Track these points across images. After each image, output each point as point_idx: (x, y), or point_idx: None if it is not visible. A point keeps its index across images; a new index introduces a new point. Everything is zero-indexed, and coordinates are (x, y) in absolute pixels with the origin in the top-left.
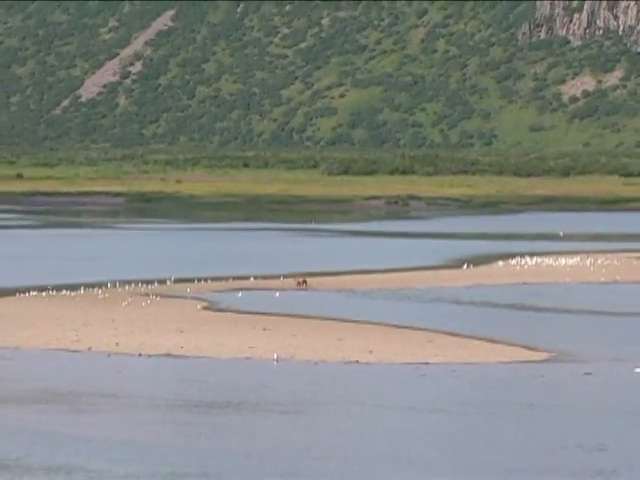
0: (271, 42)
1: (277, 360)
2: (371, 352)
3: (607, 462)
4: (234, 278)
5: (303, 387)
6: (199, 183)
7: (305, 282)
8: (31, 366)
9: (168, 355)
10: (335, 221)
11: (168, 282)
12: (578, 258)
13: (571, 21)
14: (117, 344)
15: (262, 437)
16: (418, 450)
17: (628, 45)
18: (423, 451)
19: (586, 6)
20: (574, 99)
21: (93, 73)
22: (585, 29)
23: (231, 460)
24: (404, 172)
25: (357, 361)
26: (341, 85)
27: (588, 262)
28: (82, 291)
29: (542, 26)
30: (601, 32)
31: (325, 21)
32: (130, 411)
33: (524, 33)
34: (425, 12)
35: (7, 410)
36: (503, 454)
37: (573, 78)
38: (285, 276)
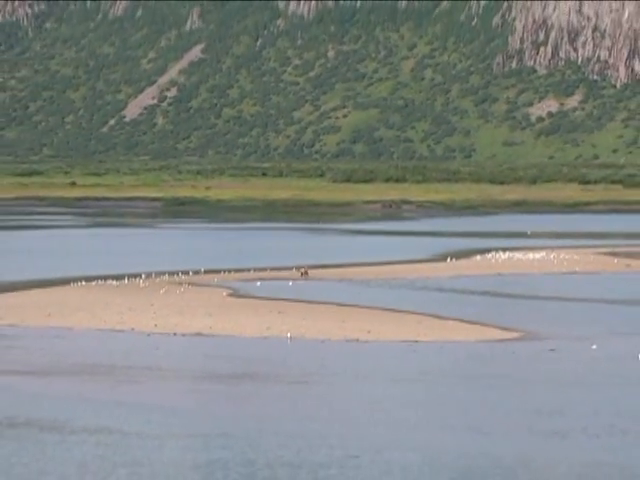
0: (285, 71)
1: (290, 338)
2: (369, 332)
3: (564, 424)
4: (254, 269)
5: (311, 361)
6: (225, 189)
7: (307, 272)
8: (82, 343)
9: (198, 334)
10: (338, 221)
11: (199, 273)
12: (544, 253)
13: (537, 53)
14: (155, 325)
15: (275, 403)
16: (407, 413)
17: (586, 74)
18: (410, 414)
19: (550, 40)
20: (540, 119)
21: (135, 97)
22: (549, 60)
23: (247, 423)
24: (397, 180)
25: (357, 339)
26: (344, 107)
27: (552, 256)
28: (126, 281)
29: (513, 57)
30: (563, 62)
31: (330, 53)
32: (163, 381)
33: (498, 63)
34: (415, 46)
35: (58, 380)
36: (476, 417)
37: (539, 101)
38: (297, 268)
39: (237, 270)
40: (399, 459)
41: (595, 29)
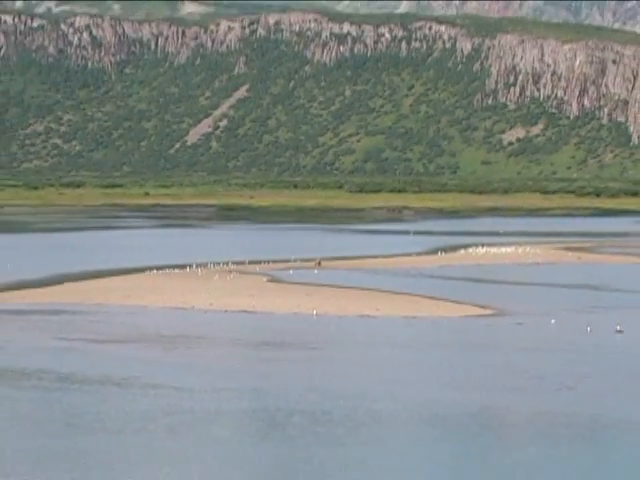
0: (312, 106)
1: (315, 315)
2: (377, 309)
3: (526, 382)
4: (287, 260)
5: (332, 332)
6: (264, 198)
7: (320, 263)
8: (152, 318)
9: (244, 311)
10: (353, 223)
11: (244, 263)
12: (513, 248)
13: (508, 92)
14: (211, 304)
15: (300, 364)
16: (401, 372)
17: (546, 108)
18: (404, 373)
19: (518, 82)
20: (510, 143)
21: (195, 126)
22: (518, 97)
23: (276, 379)
24: (399, 191)
25: (368, 315)
26: (358, 134)
27: (520, 250)
28: (188, 269)
29: (490, 95)
30: (528, 99)
31: (347, 92)
32: (214, 347)
33: (477, 100)
34: (413, 86)
35: (130, 346)
36: (455, 375)
37: (510, 129)
38: (326, 259)
39: (274, 261)
40: (388, 407)
41: (553, 73)
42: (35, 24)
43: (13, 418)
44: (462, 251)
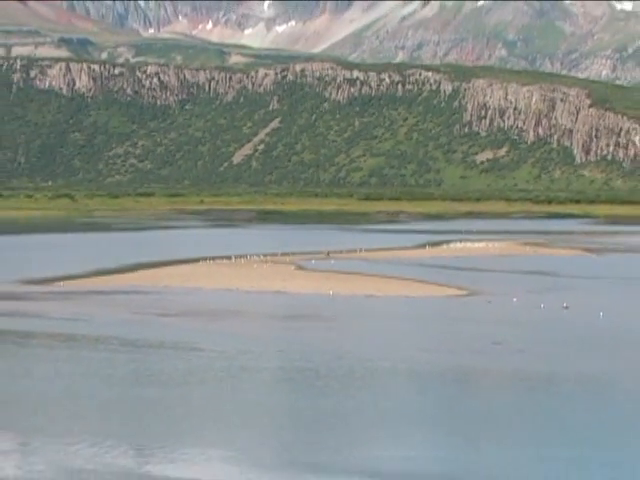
0: (329, 133)
1: (331, 294)
2: (379, 290)
3: (489, 347)
4: (309, 253)
5: (343, 308)
6: (293, 205)
7: (329, 254)
8: (204, 297)
9: (277, 292)
10: (360, 224)
11: (277, 255)
12: (484, 243)
13: (480, 123)
14: (251, 286)
15: (317, 332)
16: (396, 338)
17: (510, 135)
18: (398, 339)
19: (488, 115)
20: (482, 162)
21: (239, 149)
22: (488, 127)
23: (298, 344)
24: (397, 199)
25: (372, 295)
26: (364, 155)
27: (489, 245)
28: (233, 260)
29: (466, 126)
30: (496, 129)
31: (356, 123)
32: (251, 319)
33: (457, 129)
34: (407, 118)
35: (185, 318)
36: (438, 340)
37: (482, 152)
38: (335, 252)
39: (300, 253)
40: (384, 366)
41: (515, 108)
42: (116, 71)
43: (97, 374)
44: (445, 246)
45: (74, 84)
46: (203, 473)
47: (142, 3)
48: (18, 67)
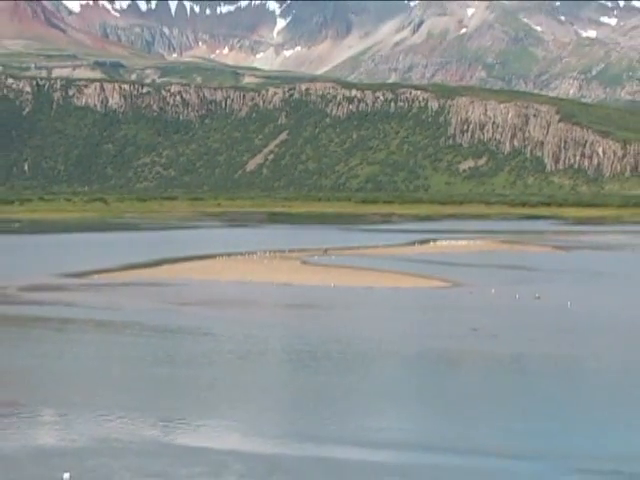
0: (330, 145)
1: (333, 286)
2: (375, 282)
3: (467, 332)
4: (314, 249)
5: (343, 298)
6: (299, 207)
7: (326, 251)
8: (220, 288)
9: (284, 284)
10: (358, 224)
11: (285, 251)
12: (466, 241)
13: (463, 136)
14: (262, 279)
15: (320, 319)
16: (389, 325)
17: (489, 147)
18: (388, 325)
19: (470, 129)
20: (464, 170)
21: (252, 159)
22: (469, 139)
23: (303, 329)
24: (390, 202)
25: (369, 287)
26: (361, 164)
27: (470, 243)
28: (246, 255)
29: (450, 138)
30: (476, 140)
31: (354, 135)
32: (262, 308)
33: (442, 141)
34: (399, 131)
35: (203, 307)
36: (418, 326)
37: (464, 161)
38: (335, 249)
39: (305, 250)
40: (371, 347)
41: (493, 123)
42: (144, 90)
43: (124, 356)
44: (431, 243)
45: (107, 102)
46: (217, 442)
47: (167, 31)
48: (58, 87)
